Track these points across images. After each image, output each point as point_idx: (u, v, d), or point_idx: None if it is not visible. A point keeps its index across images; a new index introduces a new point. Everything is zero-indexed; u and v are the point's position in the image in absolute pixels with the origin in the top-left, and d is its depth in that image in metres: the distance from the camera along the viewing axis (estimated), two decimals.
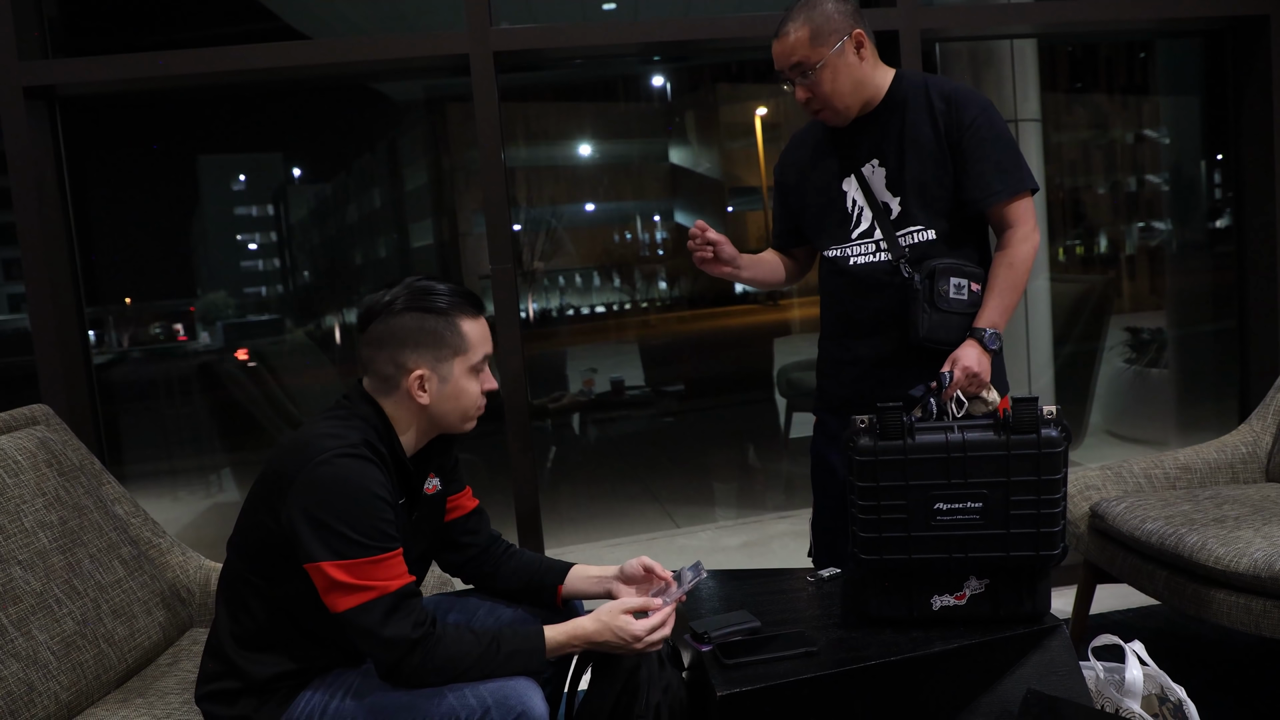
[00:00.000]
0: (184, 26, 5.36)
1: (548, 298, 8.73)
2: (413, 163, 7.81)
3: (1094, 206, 6.70)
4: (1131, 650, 2.00)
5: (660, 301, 9.27)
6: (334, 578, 1.54)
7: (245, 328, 6.77)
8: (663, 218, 9.67)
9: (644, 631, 1.71)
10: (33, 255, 2.83)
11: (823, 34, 2.09)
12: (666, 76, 8.25)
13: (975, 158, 2.15)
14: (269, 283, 8.00)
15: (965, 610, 1.88)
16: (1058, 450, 1.75)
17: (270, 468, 1.63)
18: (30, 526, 1.95)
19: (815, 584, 2.18)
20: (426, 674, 1.58)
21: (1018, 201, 2.17)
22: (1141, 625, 2.94)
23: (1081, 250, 7.41)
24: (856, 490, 1.83)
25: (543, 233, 8.23)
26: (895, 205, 2.21)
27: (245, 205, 7.89)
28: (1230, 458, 2.83)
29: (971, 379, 2.05)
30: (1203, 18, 3.46)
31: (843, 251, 2.27)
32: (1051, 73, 6.16)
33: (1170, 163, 5.27)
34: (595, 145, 8.78)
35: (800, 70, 2.12)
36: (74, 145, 3.15)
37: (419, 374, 1.69)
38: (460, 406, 1.74)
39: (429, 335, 1.69)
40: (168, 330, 6.77)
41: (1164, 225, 5.33)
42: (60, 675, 1.84)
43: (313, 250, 7.90)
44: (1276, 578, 2.05)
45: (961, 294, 2.14)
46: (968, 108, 2.16)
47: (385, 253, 7.97)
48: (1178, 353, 4.86)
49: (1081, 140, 6.84)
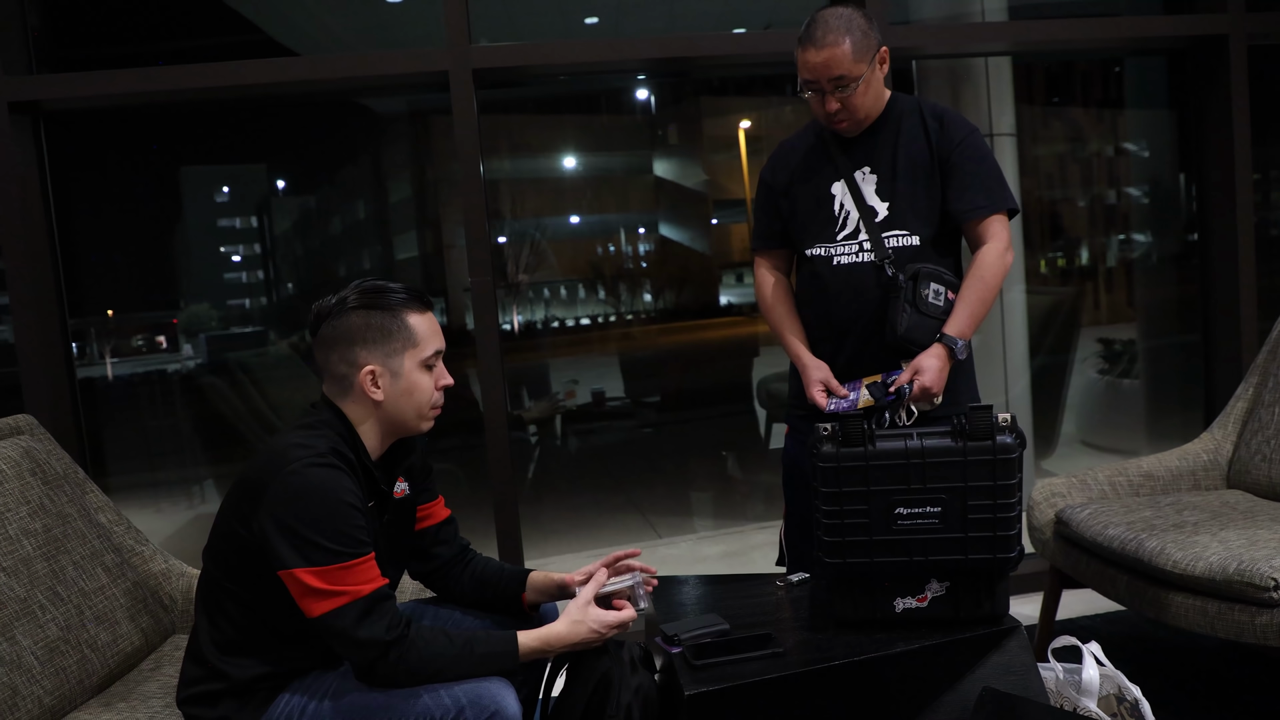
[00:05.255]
0: (169, 38, 5.38)
1: (532, 310, 8.76)
2: (397, 175, 7.83)
3: (1072, 219, 6.79)
4: (1089, 651, 2.07)
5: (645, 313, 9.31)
6: (307, 583, 1.58)
7: (228, 340, 6.77)
8: (647, 230, 9.72)
9: (617, 621, 1.78)
10: (16, 268, 2.87)
11: (862, 49, 2.18)
12: (650, 89, 8.31)
13: (962, 173, 2.26)
14: (253, 295, 8.00)
15: (927, 612, 1.94)
16: (1012, 456, 1.82)
17: (243, 478, 1.68)
18: (14, 534, 1.99)
19: (785, 588, 2.24)
20: (401, 675, 1.63)
21: (996, 219, 2.27)
22: (1108, 630, 3.00)
23: (1063, 262, 7.51)
24: (820, 495, 1.89)
25: (527, 245, 8.27)
26: (883, 210, 2.29)
27: (228, 217, 7.89)
28: (1193, 465, 2.90)
29: (924, 393, 2.13)
30: (1166, 37, 3.56)
31: (826, 251, 2.33)
32: (1029, 87, 6.26)
33: (1147, 176, 5.36)
34: (580, 158, 8.83)
35: (841, 83, 2.19)
36: (56, 156, 3.19)
37: (370, 369, 1.73)
38: (415, 402, 1.78)
39: (377, 331, 1.73)
40: (150, 342, 6.76)
41: (1143, 237, 5.41)
42: (44, 680, 1.87)
43: (296, 262, 7.92)
44: (1230, 580, 2.11)
45: (939, 300, 2.21)
46: (959, 128, 2.29)
47: (370, 265, 7.99)
48: (1148, 363, 4.94)
49: (1059, 153, 6.94)
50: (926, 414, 2.18)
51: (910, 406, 2.14)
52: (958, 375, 2.23)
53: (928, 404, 2.16)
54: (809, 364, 2.31)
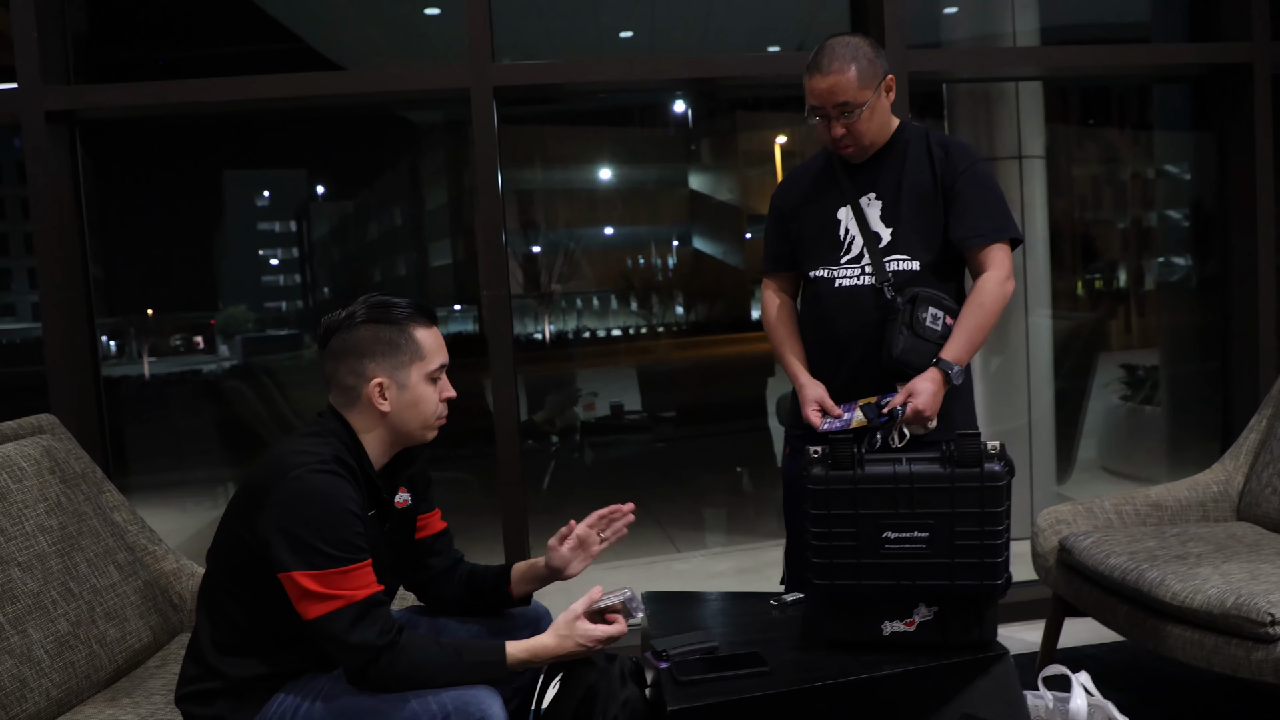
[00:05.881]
0: (212, 45, 5.50)
1: (564, 319, 8.82)
2: (433, 184, 7.94)
3: (1103, 242, 6.74)
4: (1077, 681, 2.07)
5: (677, 325, 9.33)
6: (305, 586, 1.63)
7: (263, 342, 6.86)
8: (681, 243, 9.75)
9: (604, 635, 1.81)
10: (48, 271, 2.97)
11: (867, 77, 2.21)
12: (687, 104, 8.36)
13: (965, 201, 2.28)
14: (289, 298, 8.11)
15: (914, 636, 1.95)
16: (1000, 484, 1.83)
17: (247, 482, 1.74)
18: (31, 530, 2.05)
19: (779, 608, 2.26)
20: (391, 680, 1.67)
21: (998, 247, 2.29)
22: (1112, 659, 2.99)
23: (1100, 284, 7.46)
24: (809, 517, 1.91)
25: (561, 255, 8.34)
26: (886, 235, 2.31)
27: (268, 221, 8.00)
28: (1202, 496, 2.88)
29: (917, 415, 2.15)
30: (1191, 64, 3.55)
31: (829, 273, 2.36)
32: (1064, 108, 6.23)
33: (1174, 200, 5.31)
34: (615, 170, 8.88)
35: (845, 110, 2.22)
36: (103, 160, 3.28)
37: (378, 382, 1.78)
38: (420, 414, 1.83)
39: (385, 344, 1.79)
40: (188, 342, 6.87)
41: (1177, 261, 5.36)
42: (52, 673, 1.93)
43: (333, 267, 8.03)
44: (1228, 614, 2.10)
45: (937, 324, 2.23)
46: (963, 157, 2.31)
47: (405, 271, 8.09)
48: (1170, 390, 4.90)
49: (1092, 175, 6.89)
50: (921, 437, 2.19)
51: (903, 429, 2.16)
52: (953, 400, 2.24)
53: (921, 427, 2.18)
54: (805, 383, 2.34)
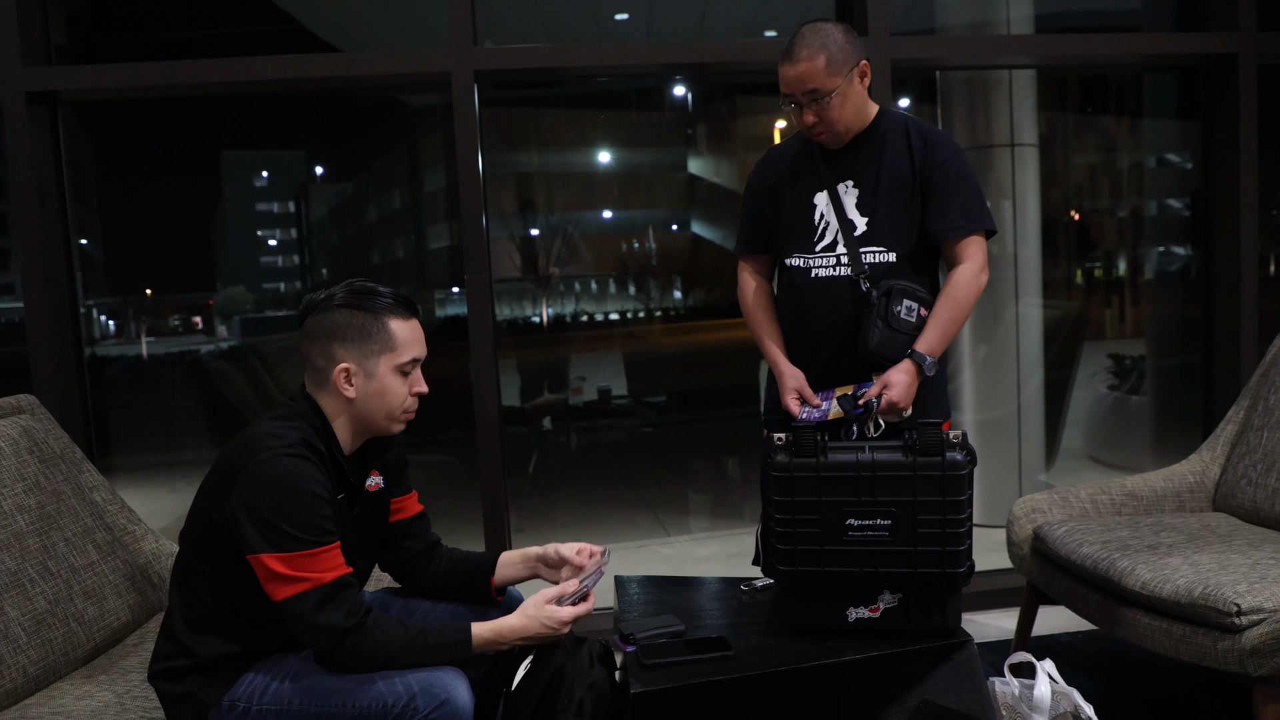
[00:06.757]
0: (208, 26, 5.48)
1: (563, 303, 8.82)
2: (432, 166, 7.92)
3: (1097, 231, 6.72)
4: (1042, 669, 2.09)
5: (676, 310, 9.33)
6: (273, 569, 1.66)
7: (261, 323, 6.87)
8: (680, 227, 9.73)
9: (570, 617, 1.83)
10: (29, 251, 2.98)
11: (836, 63, 2.20)
12: (686, 88, 8.32)
13: (943, 192, 2.28)
14: (287, 279, 8.11)
15: (879, 622, 1.98)
16: (961, 473, 1.85)
17: (218, 463, 1.75)
18: (9, 509, 2.08)
19: (748, 593, 2.28)
20: (357, 661, 1.70)
21: (973, 239, 2.29)
22: (1085, 648, 3.00)
23: (1100, 273, 7.44)
24: (773, 504, 1.93)
25: (559, 239, 8.33)
26: (862, 224, 2.32)
27: (267, 201, 8.00)
28: (1178, 486, 2.90)
29: (892, 407, 2.16)
30: (1178, 54, 3.55)
31: (805, 262, 2.36)
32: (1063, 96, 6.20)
33: (1166, 190, 5.31)
34: (614, 153, 8.86)
35: (815, 96, 2.22)
36: (100, 139, 3.29)
37: (345, 367, 1.80)
38: (385, 405, 1.84)
39: (357, 331, 1.80)
40: (186, 323, 6.88)
41: (1176, 250, 5.35)
42: (29, 650, 1.96)
43: (331, 249, 8.03)
44: (1195, 604, 2.11)
45: (911, 316, 2.24)
46: (942, 148, 2.31)
47: (403, 253, 8.08)
48: (1156, 380, 4.91)
49: (1089, 164, 6.87)
50: (895, 426, 2.21)
51: (878, 419, 2.18)
52: (927, 390, 2.26)
53: (895, 417, 2.20)
54: (785, 371, 2.36)
